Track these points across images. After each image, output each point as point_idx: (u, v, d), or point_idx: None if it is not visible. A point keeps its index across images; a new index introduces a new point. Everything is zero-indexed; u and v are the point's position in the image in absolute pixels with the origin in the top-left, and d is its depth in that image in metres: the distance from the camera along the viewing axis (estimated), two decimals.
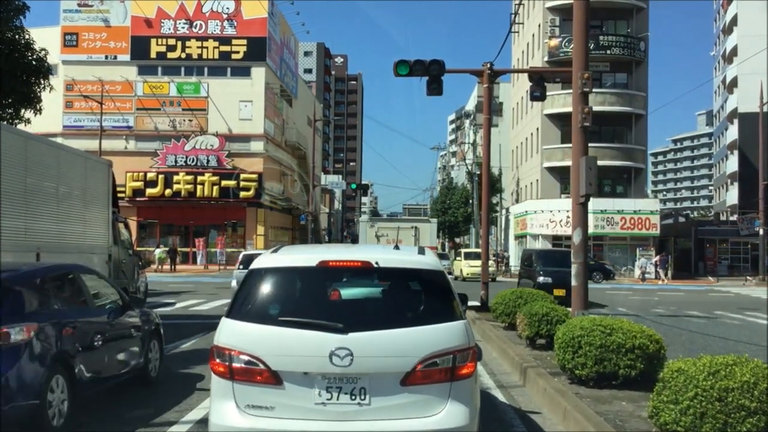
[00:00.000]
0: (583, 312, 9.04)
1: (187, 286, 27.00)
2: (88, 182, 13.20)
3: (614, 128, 45.28)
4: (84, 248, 12.73)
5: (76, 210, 12.62)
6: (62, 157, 12.36)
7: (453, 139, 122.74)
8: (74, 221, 12.52)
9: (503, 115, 51.67)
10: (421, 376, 4.21)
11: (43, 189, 11.47)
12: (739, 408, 4.61)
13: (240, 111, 47.31)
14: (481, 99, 17.46)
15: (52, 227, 11.62)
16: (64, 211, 12.12)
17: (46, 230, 11.35)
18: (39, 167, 11.25)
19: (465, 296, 5.36)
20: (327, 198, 79.52)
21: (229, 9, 47.32)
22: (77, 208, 12.70)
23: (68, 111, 47.01)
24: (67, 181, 12.34)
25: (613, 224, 44.13)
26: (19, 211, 10.46)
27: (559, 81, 21.38)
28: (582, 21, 9.76)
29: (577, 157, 9.57)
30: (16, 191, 10.40)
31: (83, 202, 12.96)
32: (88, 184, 13.19)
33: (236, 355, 4.26)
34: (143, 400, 7.31)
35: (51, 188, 11.75)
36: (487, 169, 17.54)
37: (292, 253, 4.99)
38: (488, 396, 7.62)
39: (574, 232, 9.58)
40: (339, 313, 4.57)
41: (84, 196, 13.02)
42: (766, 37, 55.26)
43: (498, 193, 58.32)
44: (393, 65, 15.47)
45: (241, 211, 46.59)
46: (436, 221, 44.70)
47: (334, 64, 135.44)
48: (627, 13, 46.25)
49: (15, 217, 10.32)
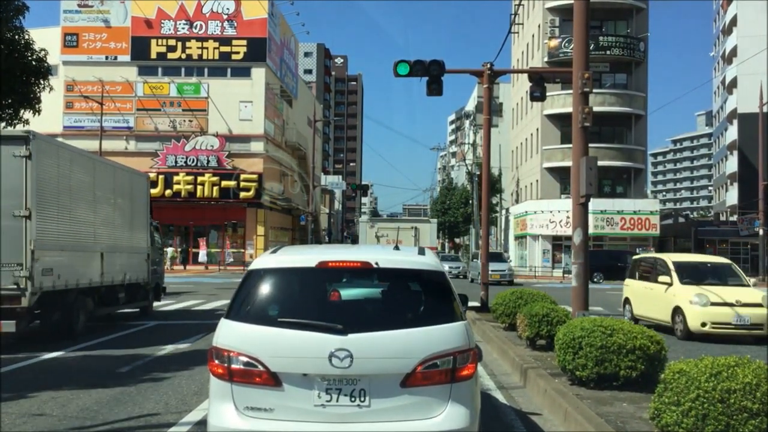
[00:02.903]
0: (584, 313, 9.01)
1: (187, 286, 26.98)
2: (134, 194, 15.10)
3: (614, 128, 45.31)
4: (131, 249, 14.81)
5: (126, 218, 14.57)
6: (117, 173, 14.32)
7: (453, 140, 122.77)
8: (125, 227, 14.47)
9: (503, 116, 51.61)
10: (421, 377, 4.18)
11: (105, 201, 13.45)
12: (742, 410, 4.59)
13: (240, 111, 47.29)
14: (481, 99, 17.45)
15: (111, 232, 13.64)
16: (118, 219, 14.11)
17: (107, 235, 13.40)
18: (102, 183, 13.29)
19: (465, 297, 5.34)
20: (327, 198, 79.52)
21: (229, 9, 47.31)
22: (127, 216, 14.63)
23: (68, 111, 47.00)
24: (120, 193, 14.30)
25: (613, 224, 44.15)
26: (89, 221, 12.59)
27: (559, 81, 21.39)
28: (582, 21, 9.74)
29: (577, 158, 9.55)
30: (86, 205, 12.49)
31: (131, 211, 14.89)
32: (134, 196, 15.11)
33: (235, 356, 4.23)
34: (142, 401, 7.28)
35: (110, 200, 13.74)
36: (487, 169, 17.52)
37: (292, 254, 4.96)
38: (489, 397, 7.59)
39: (574, 233, 9.55)
40: (339, 313, 4.55)
41: (131, 206, 14.95)
42: (766, 38, 55.27)
43: (498, 194, 58.30)
44: (393, 65, 15.45)
45: (241, 211, 46.57)
46: (436, 221, 44.68)
47: (334, 65, 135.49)
48: (627, 14, 46.28)
49: (87, 225, 12.50)
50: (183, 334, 12.64)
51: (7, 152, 10.42)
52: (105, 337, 12.41)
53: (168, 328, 13.83)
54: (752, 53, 50.79)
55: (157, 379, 8.45)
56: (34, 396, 7.52)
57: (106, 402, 7.26)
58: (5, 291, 10.26)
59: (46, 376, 8.86)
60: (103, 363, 9.82)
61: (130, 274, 14.51)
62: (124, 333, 13.01)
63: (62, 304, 11.58)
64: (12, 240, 10.31)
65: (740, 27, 64.38)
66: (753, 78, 53.77)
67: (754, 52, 50.54)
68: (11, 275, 10.32)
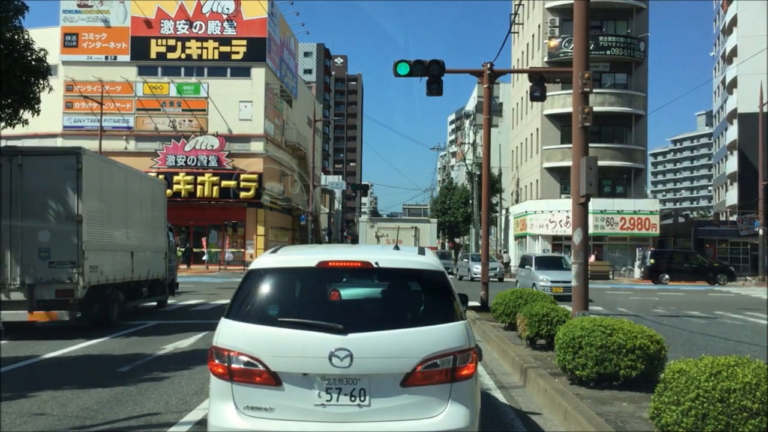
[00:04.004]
0: (584, 312, 9.01)
1: (187, 285, 26.95)
2: (155, 199, 16.80)
3: (614, 128, 45.30)
4: (153, 249, 16.52)
5: (149, 220, 16.25)
6: (143, 181, 16.33)
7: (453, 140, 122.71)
8: (148, 229, 16.14)
9: (503, 116, 51.72)
10: (421, 377, 4.18)
11: (134, 206, 15.19)
12: (741, 409, 4.58)
13: (240, 111, 47.30)
14: (481, 99, 17.48)
15: (139, 234, 15.37)
16: (144, 222, 15.82)
17: (136, 237, 15.13)
18: (132, 190, 15.08)
19: (465, 296, 5.33)
20: (327, 198, 79.49)
21: (229, 9, 47.31)
22: (150, 219, 16.32)
23: (68, 111, 46.99)
24: (145, 199, 16.01)
25: (612, 224, 44.14)
26: (123, 224, 14.41)
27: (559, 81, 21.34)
28: (582, 21, 9.74)
29: (577, 157, 9.54)
30: (120, 210, 14.28)
31: (153, 214, 16.57)
32: (155, 201, 16.78)
33: (235, 355, 4.23)
34: (142, 401, 7.28)
35: (138, 205, 15.46)
36: (487, 169, 17.52)
37: (292, 254, 4.95)
38: (489, 397, 7.59)
39: (574, 233, 9.55)
40: (339, 313, 4.55)
41: (153, 210, 16.61)
42: (766, 38, 55.25)
43: (498, 194, 58.29)
44: (393, 65, 15.47)
45: (241, 211, 46.58)
46: (436, 221, 44.72)
47: (333, 65, 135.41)
48: (627, 14, 46.27)
49: (120, 228, 14.29)
50: (183, 334, 12.65)
51: (60, 165, 12.17)
52: (105, 336, 12.41)
53: (168, 327, 13.83)
54: (752, 53, 50.80)
55: (158, 379, 8.46)
56: (34, 396, 7.52)
57: (107, 401, 7.26)
58: (61, 285, 12.00)
59: (46, 375, 8.88)
60: (103, 363, 9.84)
61: (152, 270, 16.28)
62: (124, 332, 13.01)
63: (101, 297, 13.21)
64: (65, 242, 12.01)
65: (740, 27, 64.35)
66: (753, 78, 53.77)
67: (754, 52, 50.54)
68: (65, 272, 11.99)
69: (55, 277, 11.97)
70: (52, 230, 12.00)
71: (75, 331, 12.92)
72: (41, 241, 11.96)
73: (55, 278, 11.97)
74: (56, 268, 11.95)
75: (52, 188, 12.09)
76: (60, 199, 12.07)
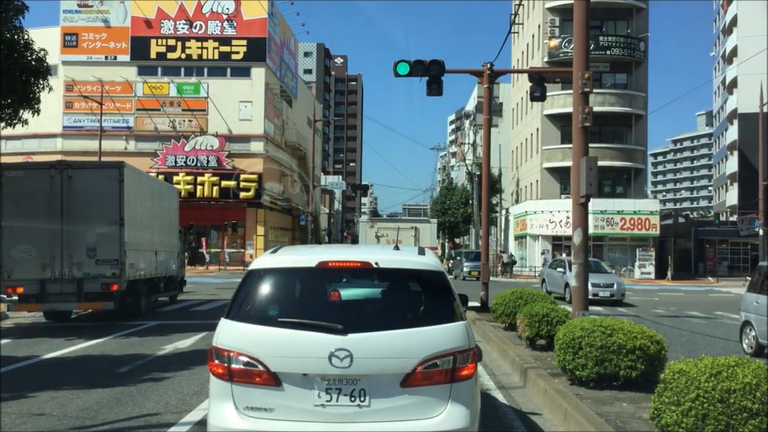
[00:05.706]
0: (584, 313, 9.01)
1: (187, 286, 26.89)
2: (170, 204, 18.71)
3: (614, 128, 45.25)
4: (170, 248, 18.34)
5: (166, 223, 18.07)
6: (162, 189, 18.63)
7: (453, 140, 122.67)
8: (166, 231, 18.01)
9: (503, 116, 51.70)
10: (421, 377, 4.18)
11: (157, 211, 17.13)
12: (741, 409, 4.59)
13: (240, 111, 47.29)
14: (481, 99, 17.47)
15: (160, 236, 17.22)
16: (163, 224, 17.68)
17: (158, 238, 16.97)
18: (155, 197, 17.10)
19: (465, 297, 5.33)
20: (327, 198, 79.49)
21: (229, 9, 47.30)
22: (167, 222, 18.12)
23: (68, 111, 47.00)
24: (163, 204, 17.89)
25: (612, 224, 44.10)
26: (148, 227, 16.16)
27: (559, 81, 21.37)
28: (582, 21, 9.74)
29: (577, 158, 9.54)
30: (145, 215, 16.00)
31: (169, 218, 18.43)
32: (170, 205, 18.69)
33: (235, 356, 4.23)
34: (142, 401, 7.28)
35: (159, 211, 17.35)
36: (487, 169, 17.52)
37: (292, 254, 4.95)
38: (488, 397, 7.59)
39: (574, 233, 9.55)
40: (339, 313, 4.53)
41: (169, 214, 18.50)
42: (766, 38, 55.27)
43: (498, 194, 58.24)
44: (393, 65, 15.48)
45: (241, 211, 46.56)
46: (436, 221, 44.58)
47: (333, 65, 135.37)
48: (627, 13, 46.25)
49: (149, 229, 16.20)
50: (183, 334, 12.65)
51: (105, 177, 14.06)
52: (105, 336, 12.42)
53: (168, 327, 13.83)
54: (752, 53, 50.77)
55: (157, 379, 8.46)
56: (34, 396, 7.52)
57: (106, 402, 7.26)
58: (105, 280, 13.83)
59: (46, 375, 8.88)
60: (103, 363, 9.84)
61: (169, 268, 18.16)
62: (124, 333, 13.02)
63: (133, 291, 15.05)
64: (110, 242, 13.86)
65: (740, 27, 64.33)
66: (753, 78, 53.74)
67: (754, 52, 50.52)
68: (110, 268, 13.81)
69: (100, 272, 13.78)
70: (99, 232, 13.82)
71: (75, 331, 13.07)
72: (89, 241, 13.75)
73: (100, 273, 13.79)
74: (102, 265, 13.78)
75: (98, 197, 13.89)
76: (105, 205, 13.91)
